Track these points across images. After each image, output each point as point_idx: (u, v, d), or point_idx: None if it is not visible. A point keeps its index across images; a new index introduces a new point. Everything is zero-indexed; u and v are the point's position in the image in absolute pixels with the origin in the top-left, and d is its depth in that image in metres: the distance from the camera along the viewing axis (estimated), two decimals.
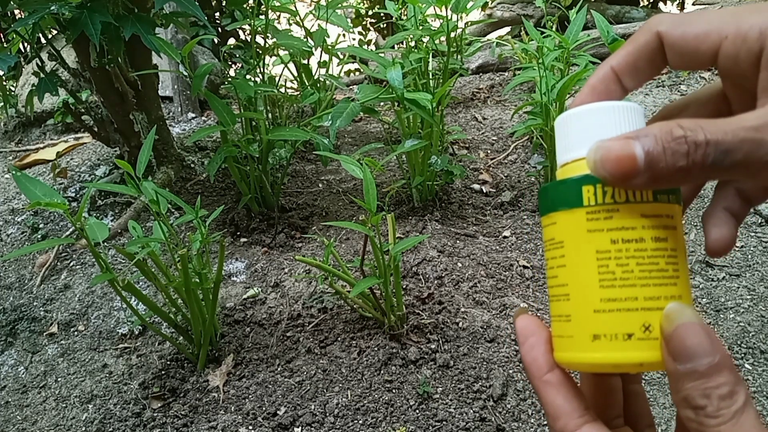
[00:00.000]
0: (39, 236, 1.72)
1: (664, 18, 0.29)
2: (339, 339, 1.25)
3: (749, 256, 1.51)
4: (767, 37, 0.25)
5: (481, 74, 2.84)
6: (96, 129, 1.84)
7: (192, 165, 1.97)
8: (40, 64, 1.61)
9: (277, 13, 2.22)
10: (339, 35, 2.04)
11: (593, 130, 0.28)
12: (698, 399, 0.24)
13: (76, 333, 1.42)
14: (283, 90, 2.07)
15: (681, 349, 0.25)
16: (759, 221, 1.64)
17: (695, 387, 0.24)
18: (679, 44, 0.28)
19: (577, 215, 0.28)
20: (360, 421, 1.08)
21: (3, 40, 1.97)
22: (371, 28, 3.68)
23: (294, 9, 1.69)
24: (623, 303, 0.26)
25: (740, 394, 0.24)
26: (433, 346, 1.21)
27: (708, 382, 0.24)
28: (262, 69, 1.63)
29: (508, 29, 3.51)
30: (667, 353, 0.25)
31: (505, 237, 1.61)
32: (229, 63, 2.80)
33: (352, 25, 3.53)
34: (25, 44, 2.01)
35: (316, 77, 1.96)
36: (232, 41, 2.89)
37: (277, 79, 1.82)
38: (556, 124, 0.31)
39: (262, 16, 1.57)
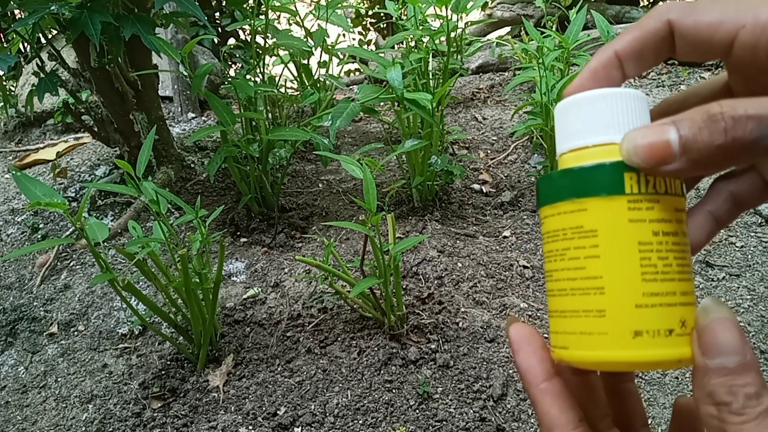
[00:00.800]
0: (39, 236, 1.72)
1: (673, 5, 0.28)
2: (339, 339, 1.25)
3: (749, 256, 1.51)
4: None
5: (481, 74, 2.84)
6: (96, 129, 1.84)
7: (192, 165, 1.97)
8: (40, 64, 1.61)
9: (277, 13, 2.23)
10: (339, 35, 2.04)
11: (625, 115, 0.27)
12: (724, 395, 0.23)
13: (76, 333, 1.42)
14: (283, 90, 2.07)
15: (712, 344, 0.24)
16: (759, 221, 1.64)
17: (722, 383, 0.24)
18: (691, 33, 0.27)
19: (617, 203, 0.26)
20: (360, 421, 1.08)
21: (3, 40, 1.97)
22: (371, 28, 3.68)
23: (294, 9, 1.69)
24: (665, 298, 0.26)
25: (766, 397, 0.23)
26: (433, 346, 1.21)
27: (735, 379, 0.24)
28: (262, 69, 1.63)
29: (508, 29, 3.51)
30: (697, 346, 0.25)
31: (505, 237, 1.61)
32: (229, 63, 2.79)
33: (352, 25, 3.53)
34: (25, 44, 2.01)
35: (316, 77, 1.96)
36: (232, 41, 2.89)
37: (277, 79, 1.82)
38: (567, 106, 0.29)
39: (262, 16, 1.57)
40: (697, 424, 0.31)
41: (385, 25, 3.55)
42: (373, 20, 3.65)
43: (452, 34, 1.63)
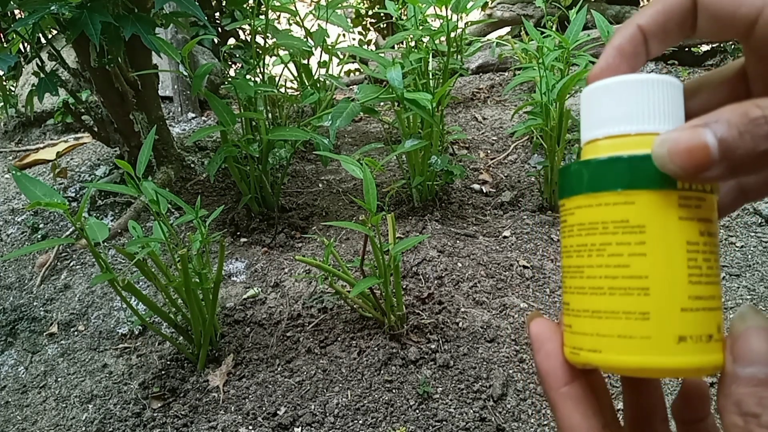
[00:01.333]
0: (39, 236, 1.72)
1: None
2: (339, 339, 1.25)
3: (749, 256, 1.51)
4: None
5: (481, 74, 2.84)
6: (96, 129, 1.84)
7: (192, 165, 1.97)
8: (40, 64, 1.61)
9: (277, 13, 2.23)
10: (339, 35, 2.04)
11: (669, 104, 0.25)
12: (753, 406, 0.22)
13: (76, 333, 1.42)
14: (283, 90, 2.07)
15: (746, 352, 0.23)
16: (759, 221, 1.64)
17: (751, 393, 0.22)
18: (714, 6, 0.25)
19: (669, 198, 0.24)
20: (360, 421, 1.08)
21: (3, 40, 1.97)
22: (371, 28, 3.68)
23: (294, 9, 1.69)
24: (707, 302, 0.24)
25: None
26: (433, 346, 1.21)
27: (766, 391, 0.22)
28: (262, 69, 1.63)
29: (508, 29, 3.51)
30: (729, 353, 0.24)
31: (505, 237, 1.61)
32: (229, 63, 2.79)
33: (352, 25, 3.53)
34: (25, 44, 2.01)
35: (316, 77, 1.96)
36: (232, 41, 2.89)
37: (277, 79, 1.82)
38: (599, 89, 0.27)
39: (262, 16, 1.57)
40: (702, 407, 0.30)
41: (385, 25, 3.55)
42: (373, 20, 3.65)
43: (452, 34, 1.63)
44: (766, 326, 0.23)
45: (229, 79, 1.57)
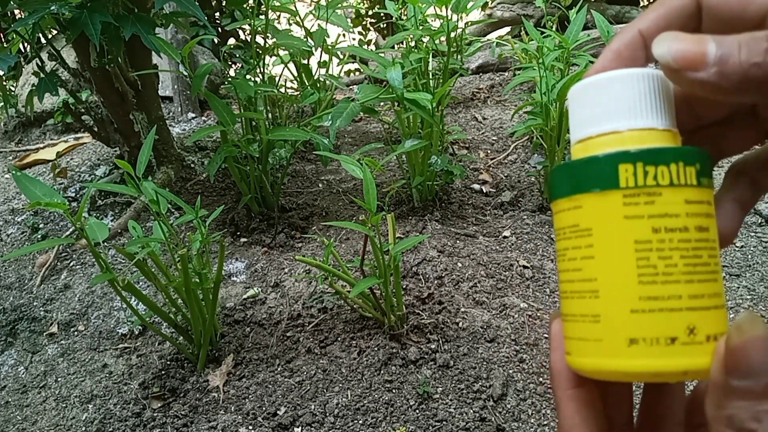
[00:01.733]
0: (39, 236, 1.72)
1: None
2: (339, 339, 1.25)
3: (749, 256, 1.51)
4: None
5: (481, 74, 2.84)
6: (96, 129, 1.84)
7: (192, 165, 1.97)
8: (40, 64, 1.61)
9: (277, 13, 2.23)
10: (339, 35, 2.04)
11: (627, 100, 0.25)
12: (748, 421, 0.21)
13: (76, 333, 1.42)
14: (283, 90, 2.07)
15: (743, 363, 0.22)
16: (759, 221, 1.64)
17: (746, 407, 0.21)
18: (720, 8, 0.24)
19: (611, 198, 0.24)
20: (360, 421, 1.08)
21: (3, 40, 1.97)
22: (371, 28, 3.68)
23: (294, 9, 1.69)
24: (666, 302, 0.23)
25: None
26: (433, 346, 1.21)
27: (762, 405, 0.21)
28: (262, 69, 1.63)
29: (508, 29, 3.51)
30: (721, 364, 0.22)
31: (505, 237, 1.61)
32: (229, 63, 2.79)
33: (352, 25, 3.53)
34: (25, 44, 2.01)
35: (316, 77, 1.96)
36: (232, 41, 2.89)
37: (277, 79, 1.82)
38: (576, 92, 0.27)
39: (262, 16, 1.57)
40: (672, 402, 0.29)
41: (385, 25, 3.55)
42: (373, 20, 3.65)
43: (452, 34, 1.63)
44: (765, 336, 0.22)
45: (229, 79, 1.57)
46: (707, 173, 0.25)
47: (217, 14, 2.87)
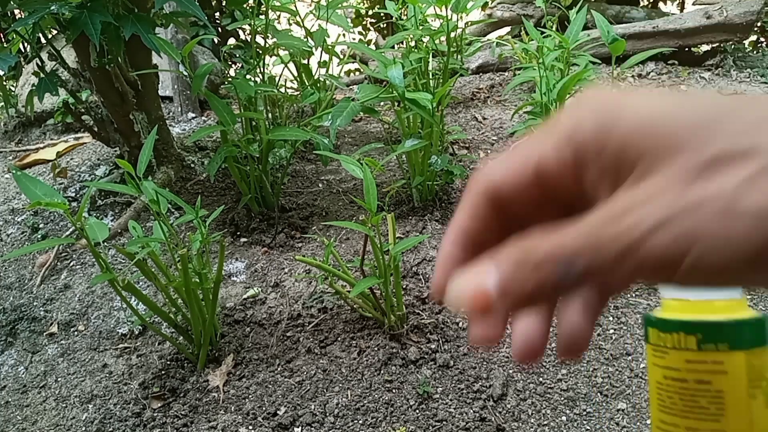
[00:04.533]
0: (39, 236, 1.72)
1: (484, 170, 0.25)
2: (339, 339, 1.25)
3: None
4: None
5: (481, 74, 2.84)
6: (96, 129, 1.84)
7: (192, 165, 1.97)
8: (40, 64, 1.61)
9: (277, 13, 2.22)
10: (339, 35, 2.04)
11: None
12: None
13: (76, 333, 1.42)
14: (283, 90, 2.07)
15: None
16: None
17: None
18: (508, 196, 0.24)
19: (648, 348, 0.34)
20: (360, 421, 1.08)
21: (3, 40, 1.97)
22: (371, 28, 3.68)
23: (294, 9, 1.69)
24: (669, 427, 0.33)
25: None
26: (433, 346, 1.21)
27: None
28: (262, 69, 1.63)
29: (508, 29, 3.51)
30: None
31: None
32: (229, 63, 2.80)
33: (352, 25, 3.53)
34: (25, 44, 2.00)
35: (316, 77, 1.96)
36: (232, 41, 2.89)
37: (277, 79, 1.82)
38: None
39: (262, 16, 1.57)
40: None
41: (385, 25, 3.55)
42: (373, 20, 3.65)
43: (452, 34, 1.63)
44: None
45: (229, 79, 1.58)
46: (718, 340, 0.32)
47: (217, 14, 2.87)
